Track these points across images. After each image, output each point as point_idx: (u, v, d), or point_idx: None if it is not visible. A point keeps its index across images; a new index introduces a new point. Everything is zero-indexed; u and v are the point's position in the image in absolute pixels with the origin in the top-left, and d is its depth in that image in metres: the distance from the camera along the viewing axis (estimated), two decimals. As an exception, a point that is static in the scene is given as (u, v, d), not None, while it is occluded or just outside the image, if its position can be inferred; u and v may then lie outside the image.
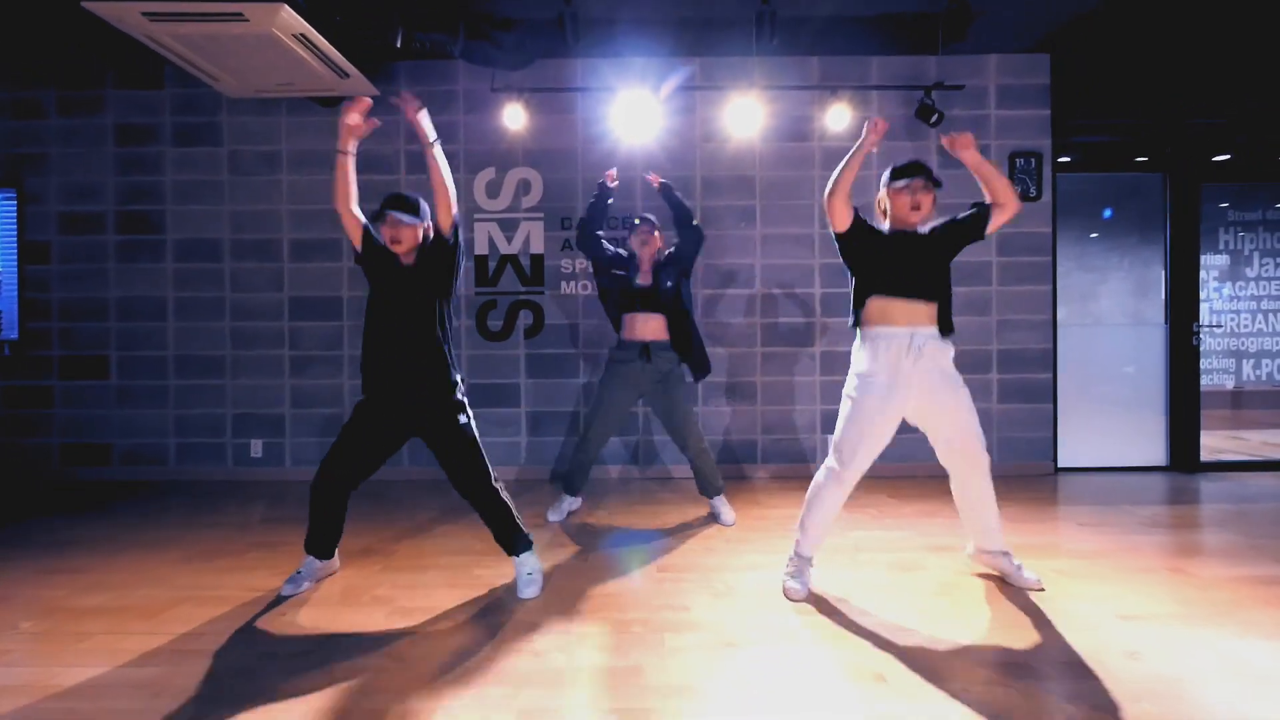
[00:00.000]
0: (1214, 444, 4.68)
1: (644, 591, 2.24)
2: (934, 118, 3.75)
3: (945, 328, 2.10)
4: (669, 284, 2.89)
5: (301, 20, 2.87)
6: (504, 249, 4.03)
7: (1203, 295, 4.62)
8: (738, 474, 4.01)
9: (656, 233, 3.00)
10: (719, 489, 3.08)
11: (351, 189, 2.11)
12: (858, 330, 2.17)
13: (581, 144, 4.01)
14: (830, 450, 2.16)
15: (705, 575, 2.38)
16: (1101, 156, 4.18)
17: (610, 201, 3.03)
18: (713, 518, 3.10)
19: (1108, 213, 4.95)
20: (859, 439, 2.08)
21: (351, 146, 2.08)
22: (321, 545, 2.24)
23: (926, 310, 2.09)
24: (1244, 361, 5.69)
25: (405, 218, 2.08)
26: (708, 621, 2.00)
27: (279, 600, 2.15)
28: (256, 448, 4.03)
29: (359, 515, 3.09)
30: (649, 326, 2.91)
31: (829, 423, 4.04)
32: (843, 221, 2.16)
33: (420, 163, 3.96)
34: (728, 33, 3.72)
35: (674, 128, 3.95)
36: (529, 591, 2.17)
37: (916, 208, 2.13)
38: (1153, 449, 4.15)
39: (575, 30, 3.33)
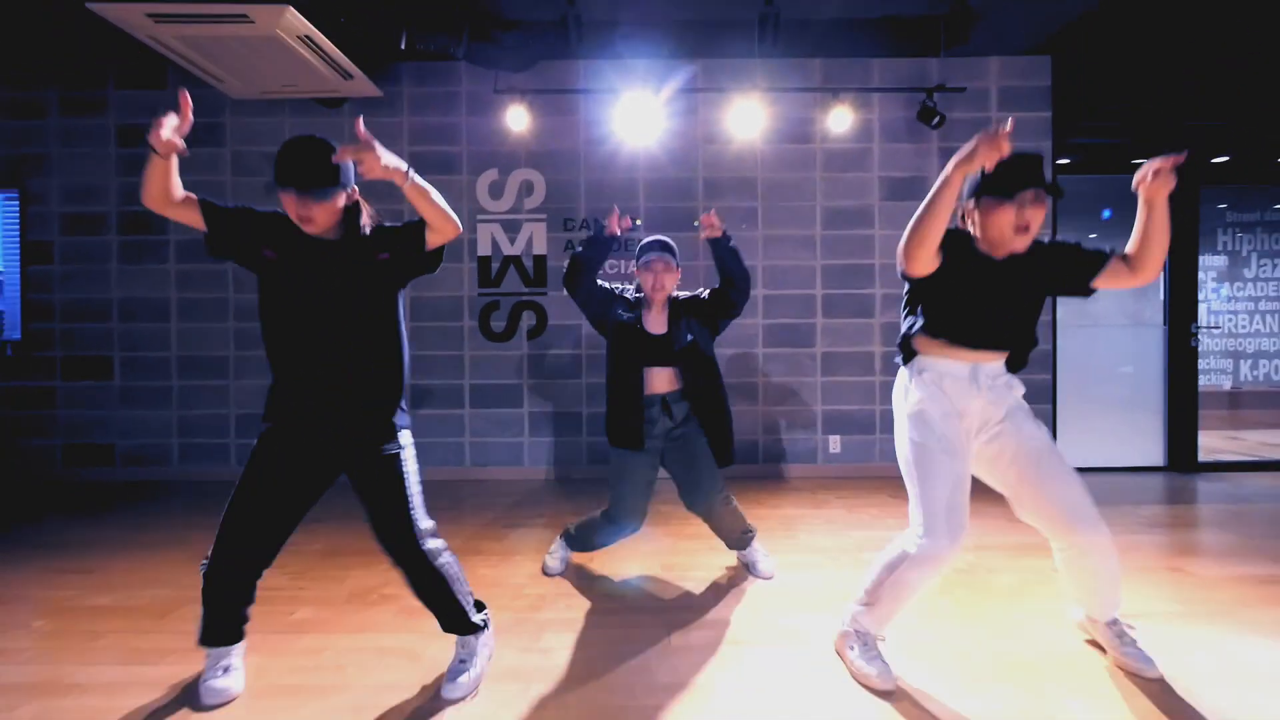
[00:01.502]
0: (1212, 444, 4.72)
1: (651, 590, 2.26)
2: (935, 120, 3.77)
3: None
4: (689, 337, 2.22)
5: (306, 22, 2.88)
6: (507, 250, 4.05)
7: (1200, 296, 4.64)
8: (739, 474, 4.03)
9: (674, 266, 2.26)
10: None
11: (170, 187, 1.52)
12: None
13: (584, 145, 4.02)
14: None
15: (711, 573, 2.41)
16: (1101, 158, 4.20)
17: (614, 248, 2.34)
18: (747, 569, 2.47)
19: (1107, 213, 4.98)
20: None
21: (167, 150, 1.45)
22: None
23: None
24: (1241, 362, 5.74)
25: (314, 195, 1.50)
26: (713, 620, 2.02)
27: (280, 605, 2.17)
28: (260, 448, 4.04)
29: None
30: (662, 378, 2.23)
31: (830, 423, 4.06)
32: (926, 267, 1.55)
33: (428, 163, 3.97)
34: (730, 35, 3.73)
35: (676, 129, 3.97)
36: (450, 689, 1.59)
37: (1025, 228, 1.54)
38: (1151, 449, 4.19)
39: (579, 32, 3.35)
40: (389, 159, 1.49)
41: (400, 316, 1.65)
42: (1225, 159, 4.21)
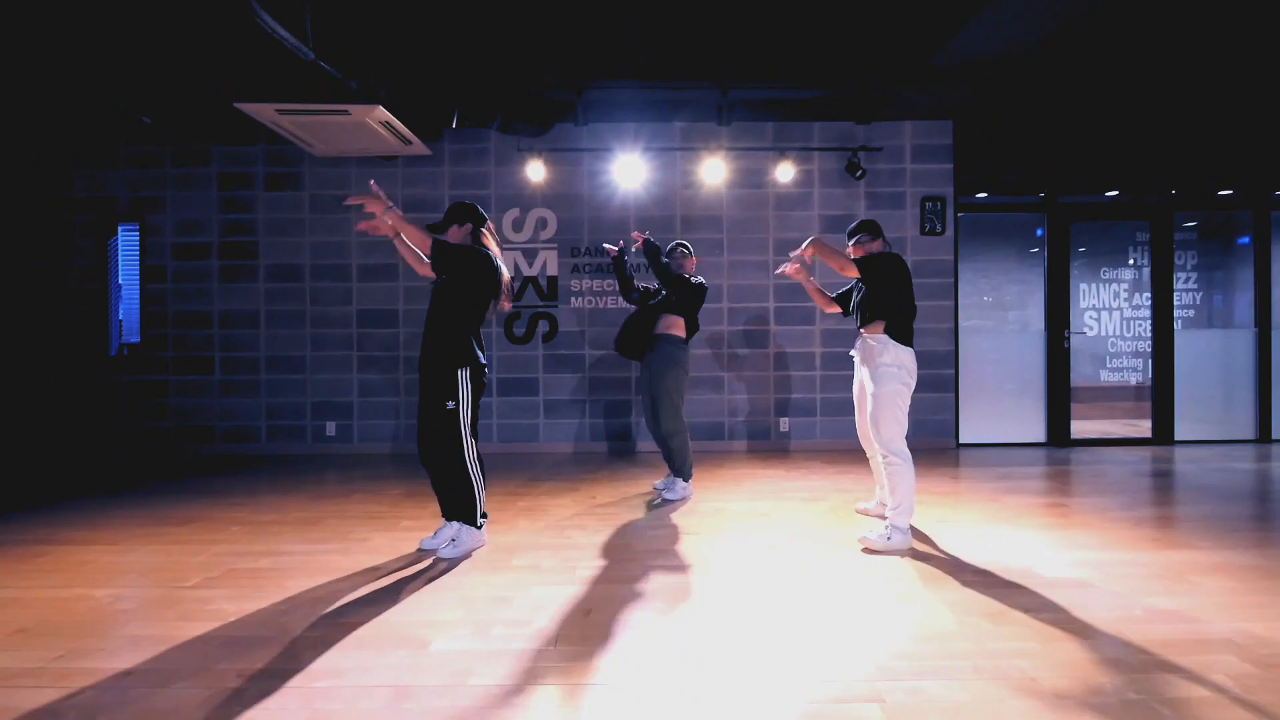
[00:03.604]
0: (1111, 429, 5.79)
1: (638, 517, 3.34)
2: (859, 173, 4.88)
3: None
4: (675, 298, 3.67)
5: (388, 114, 3.98)
6: (526, 272, 5.14)
7: (1114, 304, 5.74)
8: (709, 448, 5.12)
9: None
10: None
11: (411, 259, 2.79)
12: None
13: (587, 190, 5.12)
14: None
15: (676, 505, 3.49)
16: (1000, 195, 5.31)
17: (627, 261, 3.81)
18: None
19: (1040, 231, 6.09)
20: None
21: (389, 231, 2.61)
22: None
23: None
24: (1148, 361, 6.85)
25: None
26: (677, 525, 3.10)
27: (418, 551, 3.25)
28: (331, 428, 5.12)
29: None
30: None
31: (781, 407, 5.16)
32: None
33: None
34: (700, 109, 4.84)
35: (659, 179, 5.07)
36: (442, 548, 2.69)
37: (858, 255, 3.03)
38: (1035, 428, 5.30)
39: (585, 110, 4.44)
40: (386, 206, 2.57)
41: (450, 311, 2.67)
42: (1111, 195, 5.31)
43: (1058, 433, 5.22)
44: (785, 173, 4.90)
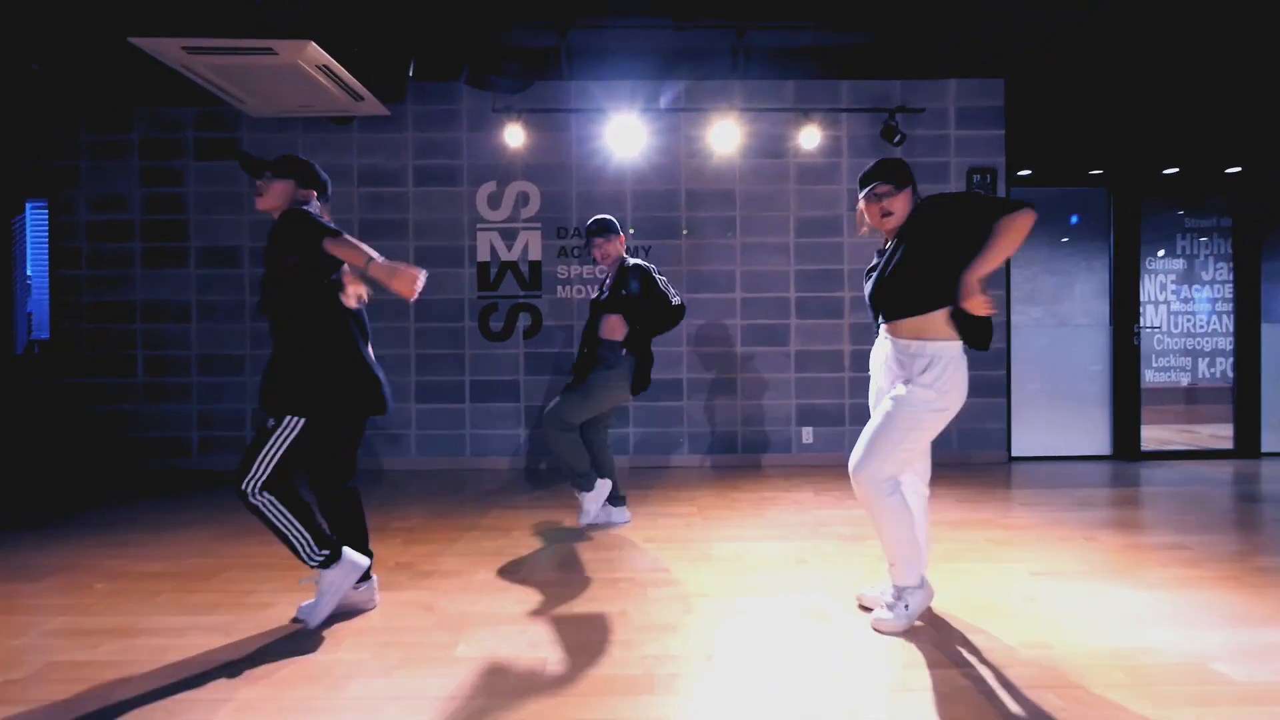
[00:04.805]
0: (1165, 436, 5.08)
1: (631, 557, 2.59)
2: (897, 138, 4.12)
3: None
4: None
5: (325, 53, 3.20)
6: (504, 256, 4.37)
7: (1160, 297, 5.02)
8: (720, 463, 4.37)
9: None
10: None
11: None
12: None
13: (575, 160, 4.35)
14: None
15: (684, 545, 2.74)
16: (1053, 172, 4.56)
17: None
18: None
19: (1074, 219, 5.35)
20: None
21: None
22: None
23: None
24: (1199, 360, 6.13)
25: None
26: (685, 579, 2.35)
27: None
28: (275, 440, 4.35)
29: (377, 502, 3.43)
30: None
31: (804, 415, 4.41)
32: None
33: (431, 175, 4.31)
34: (705, 61, 4.07)
35: (660, 145, 4.30)
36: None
37: (888, 214, 1.93)
38: (1098, 439, 4.55)
39: (570, 60, 3.68)
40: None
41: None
42: (1175, 170, 4.57)
43: (1125, 444, 4.47)
44: (810, 138, 4.13)
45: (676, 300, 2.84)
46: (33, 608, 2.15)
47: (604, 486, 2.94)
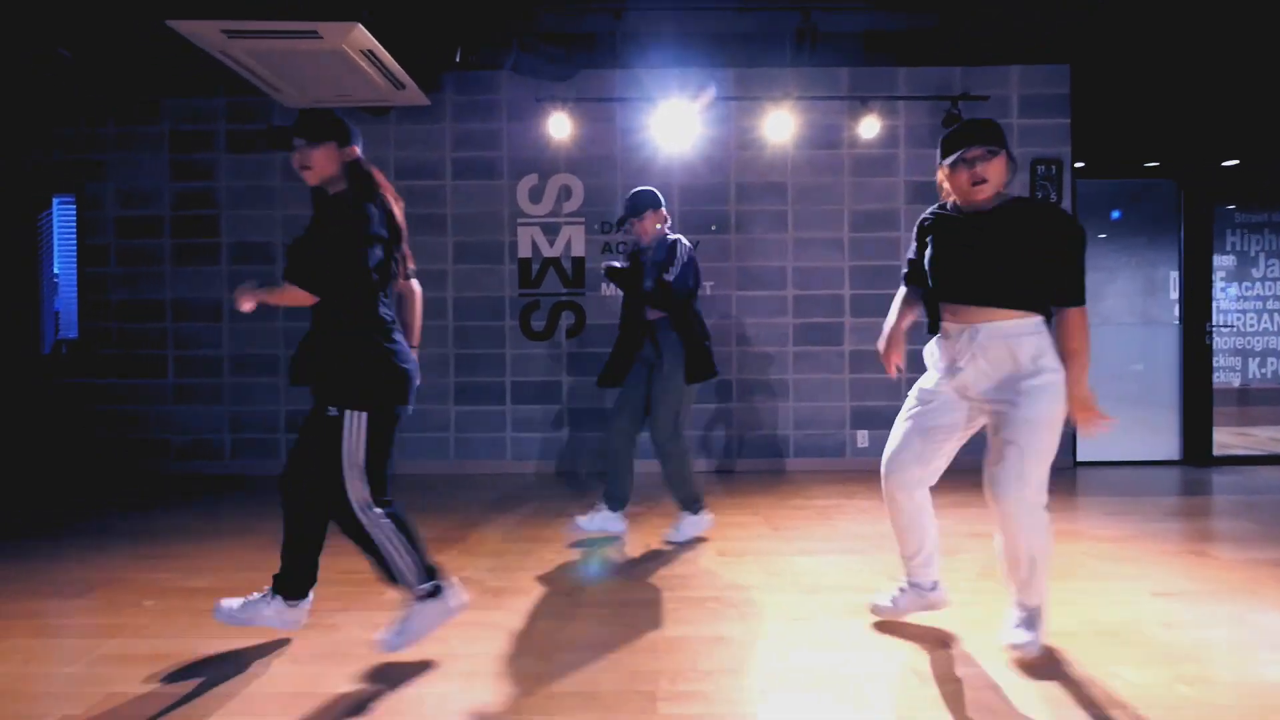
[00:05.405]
0: (1221, 440, 4.87)
1: (710, 572, 2.42)
2: (960, 127, 3.92)
3: None
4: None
5: (371, 38, 3.04)
6: (546, 252, 4.20)
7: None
8: (771, 467, 4.19)
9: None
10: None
11: None
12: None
13: (620, 152, 4.17)
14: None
15: (761, 559, 2.57)
16: (1119, 162, 4.35)
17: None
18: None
19: (1116, 214, 5.13)
20: None
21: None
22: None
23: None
24: (1250, 360, 5.90)
25: None
26: (775, 600, 2.18)
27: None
28: (309, 443, 4.20)
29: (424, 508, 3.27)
30: None
31: (858, 418, 4.22)
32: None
33: (470, 168, 4.15)
34: (763, 46, 3.89)
35: (711, 136, 4.12)
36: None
37: (982, 181, 1.69)
38: (1166, 444, 4.34)
39: (622, 45, 3.50)
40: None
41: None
42: (1235, 163, 4.35)
43: (1196, 448, 4.27)
44: (869, 128, 3.94)
45: (648, 285, 2.62)
46: (81, 628, 2.00)
47: (705, 517, 2.79)
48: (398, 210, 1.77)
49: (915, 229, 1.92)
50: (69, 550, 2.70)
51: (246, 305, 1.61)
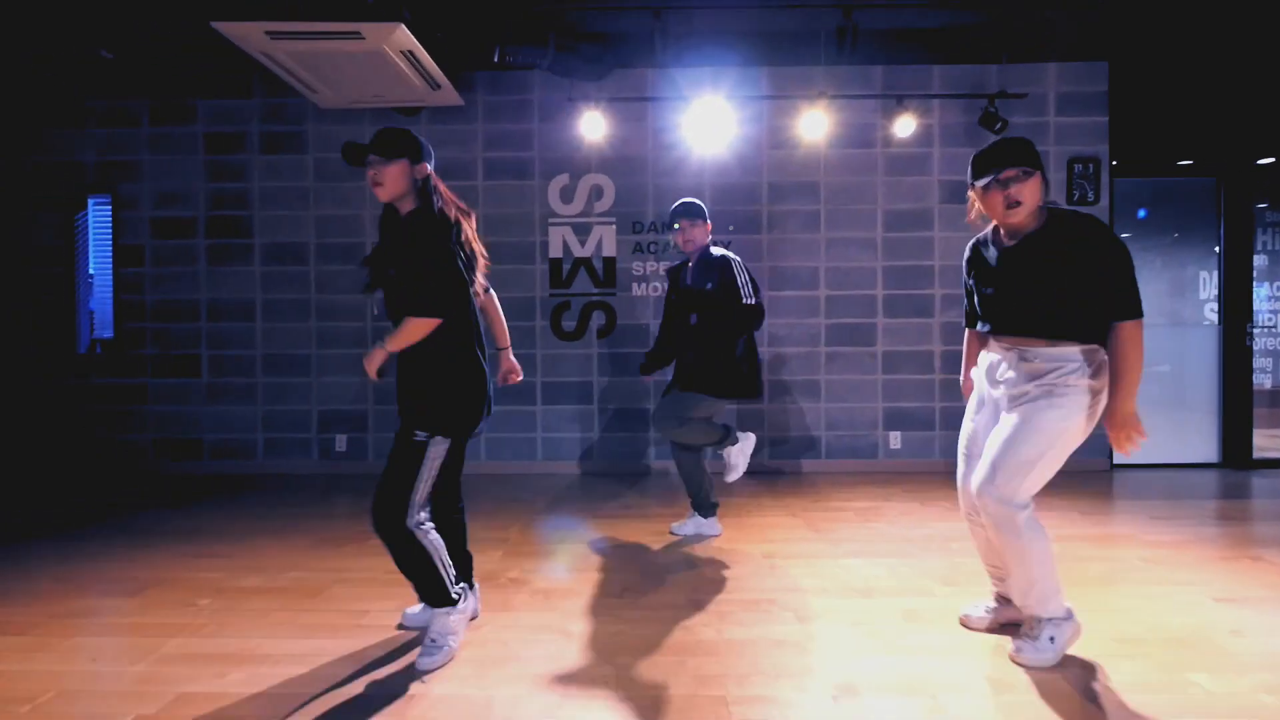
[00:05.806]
0: (1256, 442, 4.78)
1: (757, 574, 2.40)
2: (998, 125, 3.88)
3: None
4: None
5: (412, 38, 3.04)
6: (577, 252, 4.19)
7: None
8: (804, 468, 4.16)
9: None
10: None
11: None
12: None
13: (652, 151, 4.16)
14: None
15: (809, 562, 2.55)
16: (1157, 161, 4.28)
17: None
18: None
19: (1142, 213, 5.05)
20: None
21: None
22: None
23: None
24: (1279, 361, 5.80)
25: None
26: (830, 603, 2.16)
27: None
28: (341, 442, 4.22)
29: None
30: None
31: (891, 420, 4.18)
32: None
33: (501, 168, 4.15)
34: (797, 44, 3.86)
35: (743, 135, 4.09)
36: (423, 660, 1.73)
37: (1016, 204, 1.64)
38: (1204, 446, 4.28)
39: (665, 43, 3.48)
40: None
41: None
42: (1270, 160, 4.27)
43: (1236, 451, 4.20)
44: (905, 126, 3.90)
45: (751, 300, 2.62)
46: (141, 627, 2.01)
47: (714, 525, 2.87)
48: (468, 226, 1.80)
49: (964, 263, 1.91)
50: (117, 549, 2.72)
51: (377, 366, 1.74)
